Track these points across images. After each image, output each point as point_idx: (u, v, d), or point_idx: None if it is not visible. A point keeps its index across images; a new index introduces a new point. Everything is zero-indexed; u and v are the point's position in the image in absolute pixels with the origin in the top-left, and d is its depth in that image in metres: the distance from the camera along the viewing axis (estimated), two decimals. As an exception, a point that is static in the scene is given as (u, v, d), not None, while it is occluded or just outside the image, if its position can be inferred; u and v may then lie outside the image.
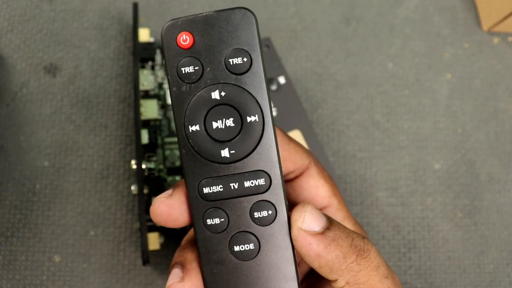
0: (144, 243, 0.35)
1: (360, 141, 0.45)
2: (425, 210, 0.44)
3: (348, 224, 0.27)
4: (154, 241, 0.37)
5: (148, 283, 0.40)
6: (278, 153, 0.22)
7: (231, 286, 0.23)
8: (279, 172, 0.22)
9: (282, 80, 0.44)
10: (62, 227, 0.41)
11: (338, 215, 0.26)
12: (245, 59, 0.21)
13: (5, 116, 0.43)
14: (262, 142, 0.22)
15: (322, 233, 0.21)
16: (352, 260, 0.21)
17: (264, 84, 0.22)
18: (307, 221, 0.22)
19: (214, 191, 0.22)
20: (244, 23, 0.21)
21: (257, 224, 0.22)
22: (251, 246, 0.22)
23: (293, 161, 0.25)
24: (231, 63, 0.21)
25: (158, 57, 0.43)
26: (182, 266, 0.23)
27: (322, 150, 0.42)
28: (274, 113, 0.43)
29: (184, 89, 0.21)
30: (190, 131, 0.21)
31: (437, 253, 0.43)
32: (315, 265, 0.22)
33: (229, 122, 0.22)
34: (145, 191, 0.37)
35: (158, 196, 0.23)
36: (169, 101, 0.41)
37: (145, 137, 0.39)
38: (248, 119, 0.22)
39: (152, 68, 0.43)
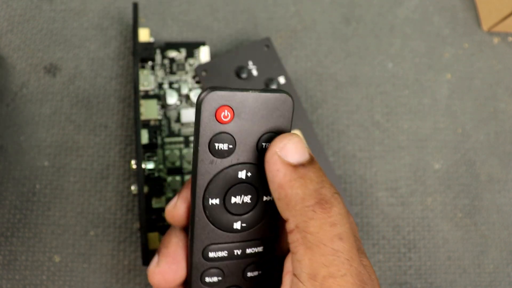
0: (144, 243, 0.35)
1: (360, 141, 0.45)
2: (425, 210, 0.44)
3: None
4: (154, 241, 0.37)
5: (148, 283, 0.40)
6: (278, 221, 0.23)
7: None
8: (276, 238, 0.24)
9: (282, 80, 0.44)
10: (62, 227, 0.41)
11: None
12: None
13: (5, 116, 0.43)
14: (270, 216, 0.23)
15: (295, 166, 0.21)
16: (309, 205, 0.20)
17: None
18: (286, 148, 0.21)
19: (219, 255, 0.23)
20: (282, 107, 0.21)
21: (247, 281, 0.25)
22: None
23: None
24: (264, 147, 0.22)
25: (158, 57, 0.43)
26: (159, 252, 0.24)
27: (322, 150, 0.42)
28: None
29: (212, 163, 0.21)
30: (210, 204, 0.22)
31: (437, 253, 0.43)
32: (275, 195, 0.21)
33: (247, 199, 0.22)
34: (145, 191, 0.37)
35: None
36: (169, 101, 0.41)
37: (145, 137, 0.39)
38: (265, 198, 0.23)
39: (152, 68, 0.43)
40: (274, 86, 0.43)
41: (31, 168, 0.42)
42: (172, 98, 0.41)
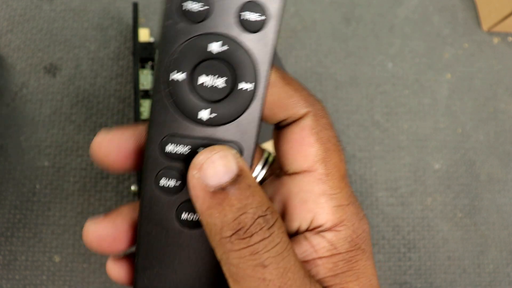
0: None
1: (360, 141, 0.45)
2: (425, 210, 0.44)
3: (328, 203, 0.21)
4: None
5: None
6: (258, 130, 0.20)
7: (166, 251, 0.21)
8: (252, 148, 0.20)
9: (282, 80, 0.44)
10: (62, 227, 0.41)
11: (316, 187, 0.21)
12: (262, 17, 0.18)
13: (5, 116, 0.43)
14: (246, 114, 0.19)
15: (213, 191, 0.18)
16: (227, 236, 0.18)
17: (272, 52, 0.19)
18: (204, 169, 0.18)
19: (178, 151, 0.19)
20: None
21: None
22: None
23: (284, 108, 0.21)
24: (244, 17, 0.18)
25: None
26: (105, 214, 0.21)
27: (322, 150, 0.42)
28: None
29: (180, 27, 0.18)
30: (172, 78, 0.18)
31: (437, 253, 0.43)
32: (201, 221, 0.19)
33: (219, 82, 0.19)
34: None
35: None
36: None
37: (145, 137, 0.39)
38: (240, 85, 0.19)
39: (152, 68, 0.43)
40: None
41: (31, 168, 0.42)
42: (172, 98, 0.41)
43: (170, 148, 0.19)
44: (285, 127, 0.21)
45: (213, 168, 0.18)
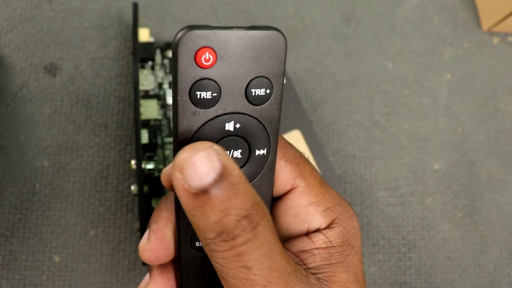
0: (144, 243, 0.35)
1: (360, 141, 0.45)
2: (425, 210, 0.44)
3: (317, 209, 0.22)
4: (154, 241, 0.37)
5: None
6: (272, 185, 0.22)
7: (205, 274, 0.22)
8: (270, 198, 0.22)
9: (282, 80, 0.44)
10: (62, 227, 0.41)
11: (303, 200, 0.22)
12: (267, 91, 0.19)
13: (5, 116, 0.43)
14: (262, 173, 0.21)
15: (194, 193, 0.18)
16: (210, 238, 0.18)
17: (279, 116, 0.20)
18: (185, 171, 0.18)
19: None
20: (274, 47, 0.18)
21: None
22: None
23: None
24: (253, 94, 0.19)
25: (158, 57, 0.43)
26: (149, 226, 0.23)
27: (322, 150, 0.42)
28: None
29: (195, 115, 0.19)
30: None
31: (437, 253, 0.43)
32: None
33: (237, 154, 0.20)
34: (145, 191, 0.37)
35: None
36: (169, 101, 0.41)
37: (145, 137, 0.39)
38: (257, 152, 0.20)
39: (152, 68, 0.43)
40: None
41: (31, 168, 0.42)
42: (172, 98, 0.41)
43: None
44: None
45: (194, 169, 0.18)
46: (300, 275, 0.19)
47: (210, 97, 0.18)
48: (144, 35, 0.43)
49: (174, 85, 0.18)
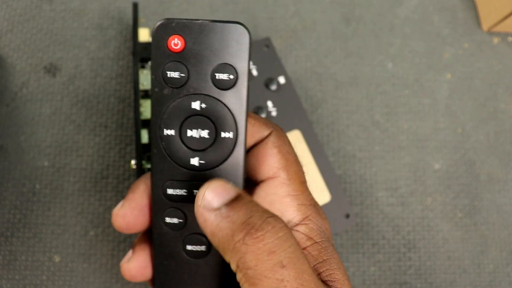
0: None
1: (360, 141, 0.45)
2: (425, 210, 0.44)
3: (293, 201, 0.23)
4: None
5: (147, 284, 0.40)
6: (244, 169, 0.23)
7: (177, 279, 0.24)
8: (241, 185, 0.23)
9: (282, 80, 0.44)
10: (62, 227, 0.41)
11: (281, 190, 0.23)
12: (231, 76, 0.21)
13: (5, 116, 0.43)
14: (231, 158, 0.22)
15: (218, 209, 0.20)
16: (239, 239, 0.18)
17: (245, 104, 0.22)
18: (206, 197, 0.20)
19: (177, 193, 0.23)
20: (237, 39, 0.21)
21: None
22: (203, 248, 0.23)
23: (251, 136, 0.24)
24: (217, 77, 0.21)
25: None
26: (133, 248, 0.24)
27: (322, 150, 0.42)
28: (274, 113, 0.43)
29: (166, 92, 0.22)
30: (165, 134, 0.22)
31: (437, 253, 0.43)
32: (214, 244, 0.20)
33: (204, 133, 0.22)
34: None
35: (114, 209, 0.24)
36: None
37: (145, 137, 0.39)
38: (223, 134, 0.22)
39: (152, 68, 0.43)
40: (274, 86, 0.43)
41: (31, 168, 0.42)
42: (172, 98, 0.41)
43: (170, 191, 0.23)
44: (251, 148, 0.24)
45: (214, 192, 0.20)
46: (320, 282, 0.20)
47: (179, 77, 0.21)
48: (144, 35, 0.43)
49: (151, 67, 0.21)
